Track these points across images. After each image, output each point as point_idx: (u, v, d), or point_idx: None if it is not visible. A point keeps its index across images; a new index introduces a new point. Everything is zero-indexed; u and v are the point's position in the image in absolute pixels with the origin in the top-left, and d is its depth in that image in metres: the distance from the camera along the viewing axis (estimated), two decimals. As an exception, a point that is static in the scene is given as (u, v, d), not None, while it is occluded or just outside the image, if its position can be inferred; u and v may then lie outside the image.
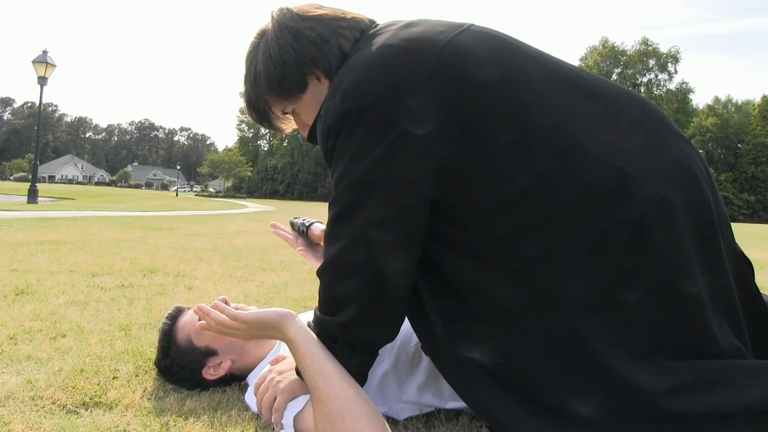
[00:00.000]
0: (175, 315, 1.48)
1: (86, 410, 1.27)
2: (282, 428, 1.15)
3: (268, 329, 1.16)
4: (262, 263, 4.18)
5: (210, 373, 1.43)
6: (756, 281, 1.09)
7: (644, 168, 0.96)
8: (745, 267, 1.08)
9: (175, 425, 1.20)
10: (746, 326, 1.02)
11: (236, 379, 1.47)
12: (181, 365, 1.43)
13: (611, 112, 1.01)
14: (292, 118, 1.21)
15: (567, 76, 1.04)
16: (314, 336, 1.10)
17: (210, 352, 1.43)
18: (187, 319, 1.46)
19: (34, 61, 14.60)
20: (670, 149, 1.00)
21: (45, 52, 14.69)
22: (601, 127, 0.99)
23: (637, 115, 1.03)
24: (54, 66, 14.91)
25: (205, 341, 1.42)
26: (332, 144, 1.00)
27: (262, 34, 1.15)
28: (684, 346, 0.93)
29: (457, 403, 1.29)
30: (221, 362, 1.43)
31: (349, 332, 1.05)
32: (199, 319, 1.40)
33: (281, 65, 1.11)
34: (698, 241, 0.97)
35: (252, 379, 1.39)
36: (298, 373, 1.13)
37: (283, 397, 1.16)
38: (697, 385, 0.89)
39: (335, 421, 1.03)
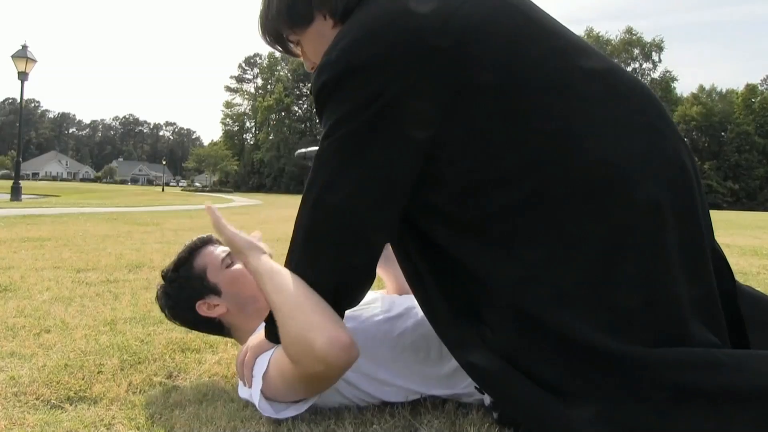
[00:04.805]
0: (208, 240, 1.50)
1: (71, 405, 1.26)
2: (252, 383, 1.18)
3: (236, 252, 1.22)
4: (249, 257, 4.15)
5: (203, 308, 1.42)
6: (742, 268, 1.10)
7: (641, 167, 0.95)
8: (722, 267, 1.07)
9: (160, 418, 1.20)
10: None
11: (223, 332, 1.47)
12: (183, 286, 1.44)
13: (615, 98, 1.00)
14: None
15: (572, 53, 1.01)
16: (278, 268, 1.12)
17: (214, 290, 1.42)
18: (216, 252, 1.46)
19: (13, 56, 14.32)
20: (666, 146, 1.00)
21: (25, 47, 14.39)
22: (603, 114, 0.97)
23: (640, 105, 1.01)
24: (34, 61, 14.65)
25: (217, 279, 1.42)
26: (323, 100, 1.01)
27: None
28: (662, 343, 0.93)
29: (443, 391, 1.30)
30: (218, 305, 1.42)
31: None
32: (222, 260, 1.45)
33: None
34: (683, 243, 0.96)
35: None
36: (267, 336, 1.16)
37: (252, 352, 1.19)
38: (696, 364, 0.88)
39: (286, 323, 1.05)
